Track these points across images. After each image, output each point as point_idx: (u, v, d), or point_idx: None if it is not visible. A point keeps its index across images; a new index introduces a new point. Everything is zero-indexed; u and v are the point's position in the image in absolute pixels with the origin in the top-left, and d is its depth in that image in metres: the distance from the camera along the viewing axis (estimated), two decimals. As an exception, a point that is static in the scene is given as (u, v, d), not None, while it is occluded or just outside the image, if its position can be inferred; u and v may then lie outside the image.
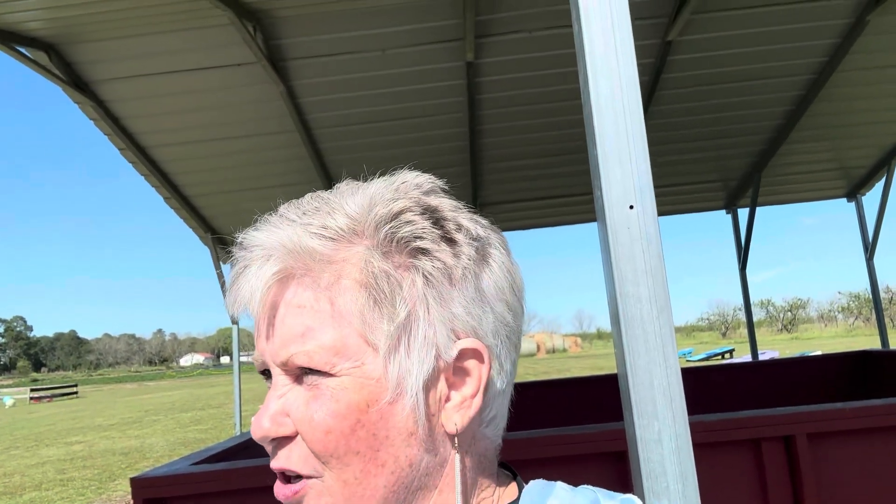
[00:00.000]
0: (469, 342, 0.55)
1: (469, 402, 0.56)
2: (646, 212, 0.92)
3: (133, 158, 5.41)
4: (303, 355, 0.53)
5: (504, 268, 0.59)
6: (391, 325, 0.53)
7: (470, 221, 0.60)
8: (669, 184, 6.79)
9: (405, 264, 0.54)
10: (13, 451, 16.79)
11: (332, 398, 0.53)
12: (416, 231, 0.55)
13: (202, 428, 18.41)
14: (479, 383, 0.56)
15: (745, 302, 7.37)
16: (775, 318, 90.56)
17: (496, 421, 0.60)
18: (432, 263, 0.55)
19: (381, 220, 0.55)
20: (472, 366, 0.56)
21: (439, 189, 0.63)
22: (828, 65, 5.22)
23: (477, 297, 0.56)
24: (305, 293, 0.54)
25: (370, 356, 0.53)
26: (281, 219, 0.57)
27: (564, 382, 5.89)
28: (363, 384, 0.53)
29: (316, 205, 0.58)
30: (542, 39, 4.71)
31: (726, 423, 2.49)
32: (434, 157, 5.95)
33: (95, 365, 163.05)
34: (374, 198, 0.57)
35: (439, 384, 0.56)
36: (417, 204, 0.57)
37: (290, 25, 4.40)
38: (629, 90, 0.92)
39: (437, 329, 0.54)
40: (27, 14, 4.02)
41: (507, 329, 0.59)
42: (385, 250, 0.54)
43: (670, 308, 0.88)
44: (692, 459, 0.87)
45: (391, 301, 0.53)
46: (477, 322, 0.56)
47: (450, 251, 0.56)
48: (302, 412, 0.54)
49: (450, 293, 0.55)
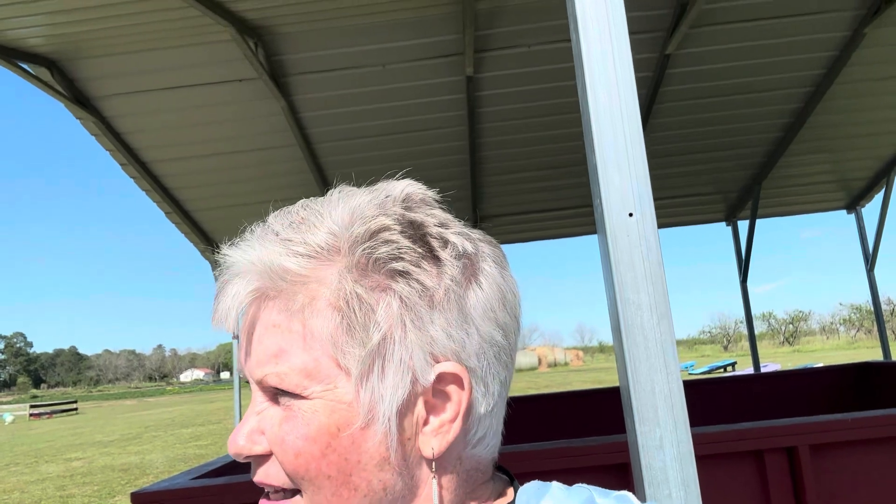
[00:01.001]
0: (448, 366, 0.53)
1: (448, 427, 0.54)
2: (645, 219, 0.92)
3: (135, 174, 5.43)
4: (274, 377, 0.53)
5: (495, 284, 0.57)
6: (363, 350, 0.51)
7: (458, 236, 0.57)
8: (669, 196, 6.80)
9: (381, 285, 0.52)
10: (13, 467, 16.69)
11: (303, 421, 0.53)
12: (394, 251, 0.53)
13: (202, 444, 18.32)
14: (458, 408, 0.54)
15: (746, 315, 7.36)
16: (777, 330, 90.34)
17: (486, 440, 0.58)
18: (410, 286, 0.52)
19: (358, 240, 0.53)
20: (451, 390, 0.54)
21: (431, 200, 0.61)
22: (826, 77, 5.24)
23: (460, 319, 0.54)
24: (279, 314, 0.54)
25: (342, 380, 0.52)
26: (264, 232, 0.56)
27: (565, 396, 5.87)
28: (334, 408, 0.52)
29: (303, 215, 0.56)
30: (541, 54, 4.74)
31: (729, 434, 2.48)
32: (434, 170, 5.97)
33: (95, 381, 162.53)
34: (354, 213, 0.55)
35: (416, 408, 0.54)
36: (399, 221, 0.55)
37: (291, 41, 4.44)
38: (627, 97, 0.92)
39: (414, 353, 0.52)
40: (30, 31, 4.05)
41: (495, 349, 0.56)
42: (361, 270, 0.53)
43: (671, 315, 0.87)
44: (694, 466, 0.86)
45: (364, 326, 0.51)
46: (459, 345, 0.54)
47: (432, 271, 0.53)
48: (275, 432, 0.54)
49: (429, 316, 0.53)
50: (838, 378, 5.92)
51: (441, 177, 6.07)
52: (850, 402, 5.70)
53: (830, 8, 4.65)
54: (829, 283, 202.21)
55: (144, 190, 5.66)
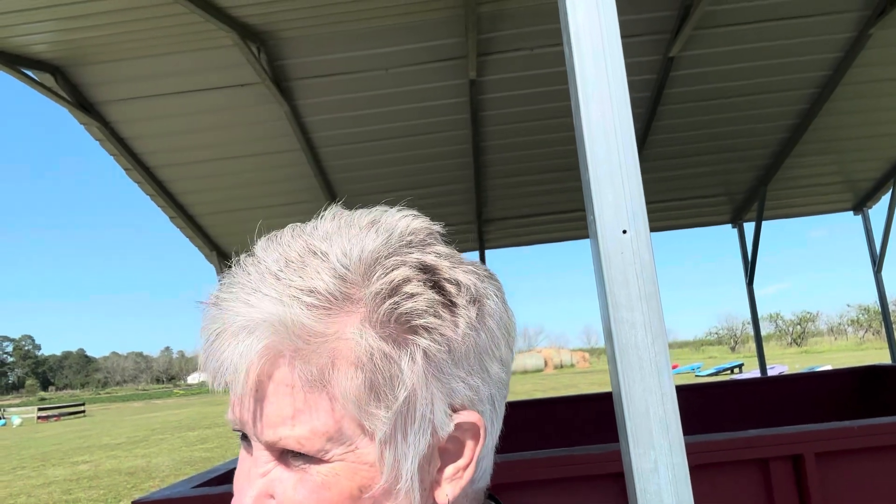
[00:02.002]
0: (466, 415, 0.53)
1: (461, 473, 0.54)
2: (639, 236, 0.90)
3: (139, 178, 5.44)
4: (293, 440, 0.49)
5: (502, 322, 0.56)
6: (388, 412, 0.49)
7: (467, 275, 0.54)
8: (674, 198, 6.78)
9: (404, 341, 0.50)
10: (20, 471, 16.76)
11: (322, 485, 0.50)
12: (420, 306, 0.50)
13: (208, 447, 18.36)
14: (473, 454, 0.54)
15: (752, 317, 7.32)
16: (784, 331, 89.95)
17: (486, 473, 0.59)
18: (434, 340, 0.50)
19: (382, 295, 0.49)
20: (466, 437, 0.53)
21: (436, 234, 0.57)
22: (831, 78, 5.22)
23: (476, 366, 0.53)
24: (294, 373, 0.49)
25: (365, 441, 0.50)
26: (261, 273, 0.51)
27: (569, 399, 5.85)
28: (356, 470, 0.50)
29: (298, 250, 0.52)
30: (544, 56, 4.73)
31: (734, 442, 2.46)
32: (438, 173, 5.97)
33: (103, 383, 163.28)
34: (370, 261, 0.51)
35: (433, 459, 0.53)
36: (418, 269, 0.51)
37: (293, 46, 4.44)
38: (621, 113, 0.91)
39: (436, 407, 0.51)
40: (34, 37, 4.07)
41: (499, 388, 0.56)
42: (382, 324, 0.49)
43: (665, 334, 0.86)
44: (690, 490, 0.85)
45: (390, 385, 0.49)
46: (474, 392, 0.53)
47: (451, 320, 0.51)
48: (289, 497, 0.50)
49: (450, 368, 0.51)
50: (845, 382, 5.88)
51: (444, 180, 6.06)
52: (857, 407, 5.66)
53: (836, 9, 4.62)
54: (837, 283, 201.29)
55: (149, 195, 5.68)
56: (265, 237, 0.55)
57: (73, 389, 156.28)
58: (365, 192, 6.06)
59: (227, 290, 0.51)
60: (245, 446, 0.55)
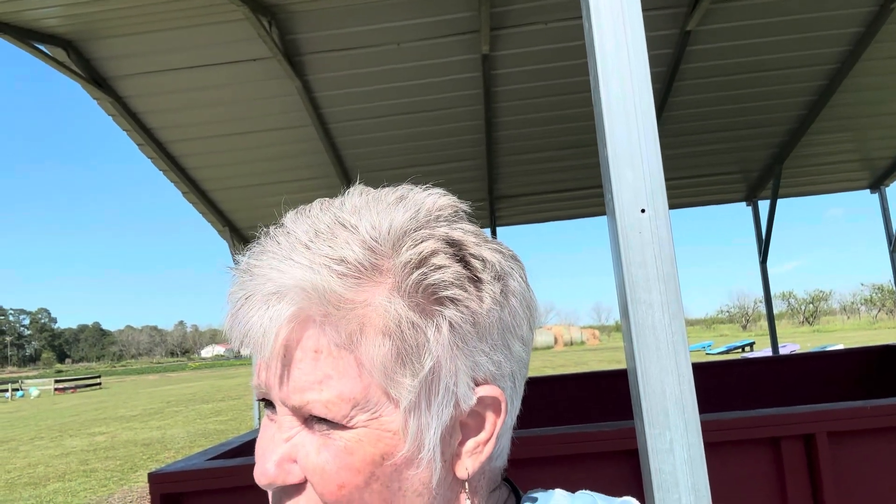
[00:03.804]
0: (488, 389, 0.53)
1: (482, 448, 0.54)
2: (658, 216, 0.88)
3: (152, 154, 5.45)
4: (320, 405, 0.50)
5: (524, 302, 0.56)
6: (414, 380, 0.50)
7: (492, 252, 0.55)
8: (688, 175, 6.71)
9: (431, 311, 0.50)
10: (38, 441, 17.09)
11: (345, 450, 0.50)
12: (447, 278, 0.51)
13: (222, 419, 18.61)
14: (493, 429, 0.54)
15: (765, 296, 7.28)
16: (797, 310, 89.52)
17: (504, 452, 0.59)
18: (459, 311, 0.51)
19: (410, 265, 0.50)
20: (488, 412, 0.54)
21: (462, 213, 0.58)
22: (851, 54, 5.11)
23: (499, 342, 0.54)
24: (323, 339, 0.50)
25: (389, 408, 0.50)
26: (291, 241, 0.52)
27: (581, 377, 5.86)
28: (380, 437, 0.50)
29: (328, 222, 0.53)
30: (559, 30, 4.66)
31: (745, 421, 2.46)
32: (450, 150, 5.93)
33: (118, 356, 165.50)
34: (397, 231, 0.52)
35: (454, 432, 0.54)
36: (446, 243, 0.53)
37: (304, 20, 4.40)
38: (641, 90, 0.89)
39: (459, 379, 0.51)
40: (46, 11, 4.05)
41: (521, 366, 0.57)
42: (411, 294, 0.50)
43: (683, 315, 0.85)
44: (705, 470, 0.84)
45: (416, 354, 0.50)
46: (496, 367, 0.54)
47: (476, 294, 0.52)
48: (313, 461, 0.51)
49: (474, 341, 0.52)
50: (859, 361, 5.85)
51: (456, 156, 6.03)
52: (871, 386, 5.64)
53: (858, -18, 4.52)
54: (851, 262, 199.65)
55: (162, 170, 5.69)
56: (294, 210, 0.56)
57: (88, 362, 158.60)
58: (376, 167, 6.04)
59: (257, 258, 0.52)
60: (269, 413, 0.55)
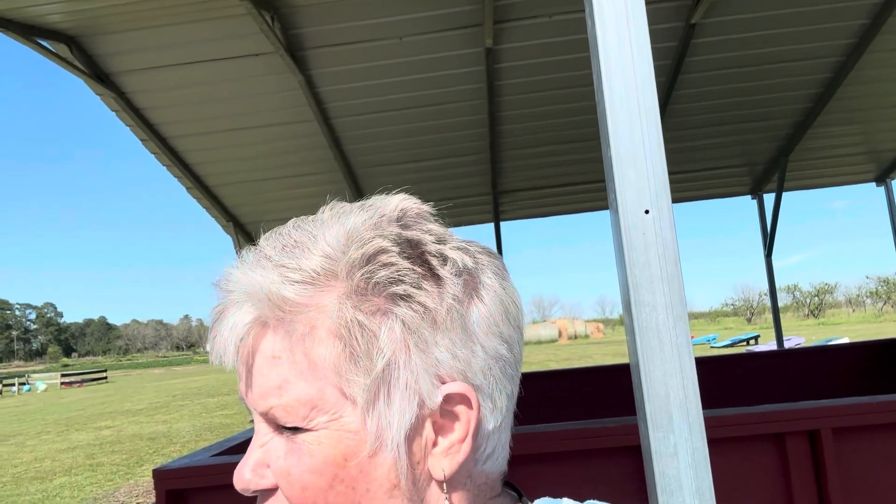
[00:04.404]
0: (455, 386, 0.52)
1: (458, 448, 0.54)
2: (662, 216, 0.87)
3: (155, 149, 5.45)
4: (280, 409, 0.52)
5: (497, 298, 0.56)
6: (367, 378, 0.50)
7: (457, 252, 0.55)
8: (693, 169, 6.69)
9: (382, 310, 0.51)
10: (44, 435, 17.18)
11: (308, 453, 0.52)
12: (393, 274, 0.52)
13: (228, 413, 18.68)
14: (467, 427, 0.53)
15: (770, 290, 7.26)
16: (802, 303, 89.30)
17: (495, 455, 0.58)
18: (412, 308, 0.51)
19: (356, 264, 0.52)
20: (460, 410, 0.53)
21: (427, 214, 0.58)
22: (857, 47, 5.08)
23: (464, 338, 0.53)
24: (280, 344, 0.52)
25: (348, 409, 0.51)
26: (258, 256, 0.54)
27: (584, 371, 5.85)
28: (341, 438, 0.51)
29: (296, 238, 0.54)
30: (563, 23, 4.64)
31: (749, 417, 2.45)
32: (453, 144, 5.92)
33: (124, 350, 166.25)
34: (349, 235, 0.53)
35: (424, 431, 0.53)
36: (396, 242, 0.53)
37: (307, 14, 4.38)
38: (644, 88, 0.88)
39: (420, 376, 0.51)
40: (49, 7, 4.05)
41: (500, 363, 0.55)
42: (360, 296, 0.51)
43: (686, 317, 0.84)
44: (709, 473, 0.84)
45: (367, 353, 0.50)
46: (464, 364, 0.53)
47: (433, 291, 0.52)
48: (280, 466, 0.53)
49: (433, 337, 0.52)
50: (864, 355, 5.83)
51: (460, 151, 6.01)
52: (877, 380, 5.62)
53: (864, -26, 4.48)
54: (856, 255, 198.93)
55: (165, 165, 5.69)
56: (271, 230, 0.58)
57: (94, 356, 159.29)
58: (379, 162, 6.03)
59: (227, 276, 0.55)
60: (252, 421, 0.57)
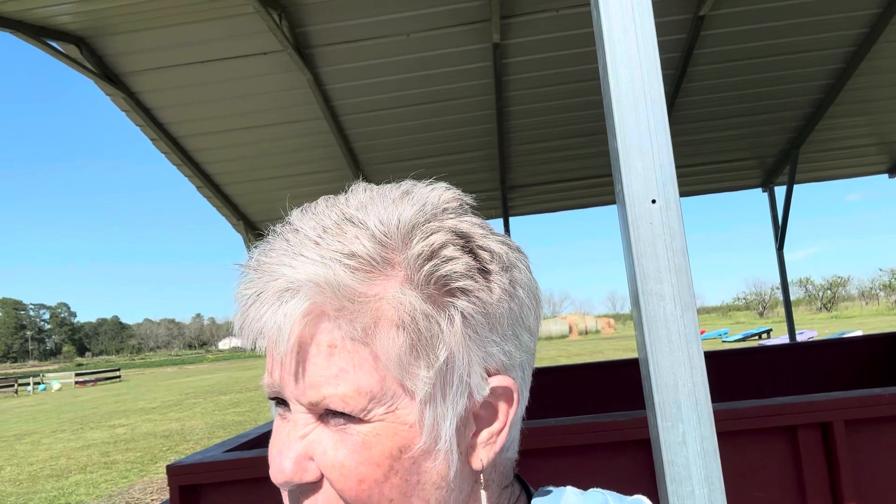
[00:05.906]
0: (500, 380, 0.53)
1: (495, 439, 0.55)
2: (669, 206, 0.87)
3: (165, 148, 5.48)
4: (337, 399, 0.50)
5: (530, 293, 0.57)
6: (430, 371, 0.50)
7: (499, 244, 0.55)
8: (704, 162, 6.65)
9: (443, 303, 0.51)
10: (59, 434, 17.35)
11: (364, 445, 0.50)
12: (458, 269, 0.51)
13: (240, 410, 18.79)
14: (506, 419, 0.55)
15: (782, 283, 7.22)
16: (814, 296, 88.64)
17: (514, 443, 0.59)
18: (471, 302, 0.51)
19: (422, 257, 0.51)
20: (500, 402, 0.54)
21: (466, 206, 0.58)
22: (868, 37, 5.03)
23: (509, 332, 0.54)
24: (337, 333, 0.50)
25: (405, 401, 0.50)
26: (300, 238, 0.52)
27: (595, 366, 5.85)
28: (396, 430, 0.50)
29: (335, 218, 0.53)
30: (570, 18, 4.62)
31: (761, 409, 2.44)
32: (461, 140, 5.92)
33: (137, 349, 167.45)
34: (406, 224, 0.52)
35: (469, 423, 0.54)
36: (455, 235, 0.53)
37: (314, 12, 4.39)
38: (651, 78, 0.87)
39: (472, 369, 0.52)
40: (58, 8, 4.07)
41: (529, 356, 0.57)
42: (422, 287, 0.50)
43: (695, 306, 0.84)
44: (718, 462, 0.84)
45: (430, 345, 0.50)
46: (507, 357, 0.54)
47: (485, 285, 0.52)
48: (331, 457, 0.51)
49: (486, 332, 0.52)
50: (877, 348, 5.79)
51: (468, 147, 6.01)
52: (890, 372, 5.58)
53: (875, -37, 4.43)
54: (869, 247, 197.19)
55: (175, 164, 5.72)
56: (299, 208, 0.56)
57: (108, 355, 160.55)
58: (388, 159, 6.04)
59: (266, 255, 0.52)
60: (281, 413, 0.55)
